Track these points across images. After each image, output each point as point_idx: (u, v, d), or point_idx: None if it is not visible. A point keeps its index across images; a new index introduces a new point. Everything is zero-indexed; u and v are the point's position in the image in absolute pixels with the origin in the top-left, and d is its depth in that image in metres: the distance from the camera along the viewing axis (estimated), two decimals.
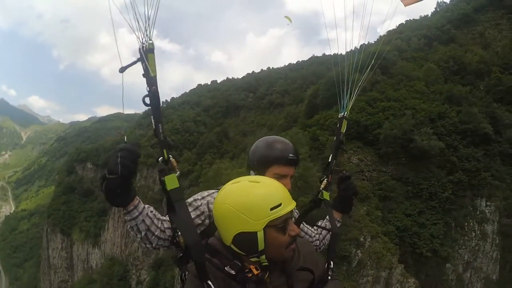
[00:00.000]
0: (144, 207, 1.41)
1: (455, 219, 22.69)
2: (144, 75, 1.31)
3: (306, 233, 2.02)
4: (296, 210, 1.97)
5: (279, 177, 1.62)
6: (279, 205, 1.18)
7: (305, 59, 71.46)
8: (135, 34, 1.30)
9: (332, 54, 2.17)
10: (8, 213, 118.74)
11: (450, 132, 25.42)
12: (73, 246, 51.52)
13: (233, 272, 1.21)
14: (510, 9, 38.51)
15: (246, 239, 1.18)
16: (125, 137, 1.26)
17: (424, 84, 30.38)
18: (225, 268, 1.22)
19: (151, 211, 1.46)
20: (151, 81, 1.31)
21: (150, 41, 1.31)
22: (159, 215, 1.50)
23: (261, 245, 1.18)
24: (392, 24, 51.15)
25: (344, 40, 1.95)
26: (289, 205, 1.22)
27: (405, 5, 2.45)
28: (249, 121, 55.48)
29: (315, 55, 68.81)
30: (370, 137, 24.57)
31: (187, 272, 1.28)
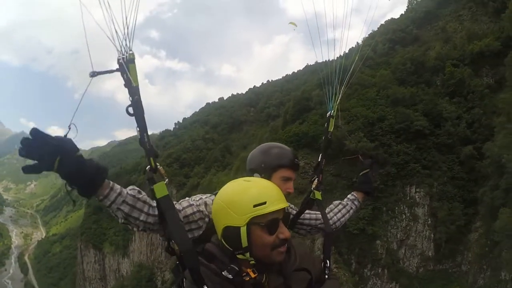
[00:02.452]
0: (118, 195, 1.51)
1: (386, 205, 32.42)
2: (125, 86, 1.49)
3: (317, 219, 2.37)
4: (293, 208, 2.35)
5: (285, 180, 2.05)
6: (263, 203, 1.37)
7: (301, 69, 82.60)
8: (115, 46, 1.50)
9: (318, 61, 2.65)
10: (40, 239, 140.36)
11: (386, 133, 35.20)
12: (105, 258, 66.15)
13: (230, 276, 1.37)
14: None
15: (231, 234, 1.40)
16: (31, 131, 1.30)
17: (376, 90, 40.02)
18: (222, 272, 1.39)
19: (132, 196, 1.57)
20: (134, 91, 1.48)
21: (131, 52, 1.51)
22: (145, 198, 1.62)
23: (244, 242, 1.37)
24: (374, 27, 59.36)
25: (327, 44, 2.42)
26: (275, 205, 1.39)
27: None
28: (250, 134, 67.46)
29: (309, 64, 79.35)
30: (316, 145, 35.22)
31: (184, 280, 1.44)
